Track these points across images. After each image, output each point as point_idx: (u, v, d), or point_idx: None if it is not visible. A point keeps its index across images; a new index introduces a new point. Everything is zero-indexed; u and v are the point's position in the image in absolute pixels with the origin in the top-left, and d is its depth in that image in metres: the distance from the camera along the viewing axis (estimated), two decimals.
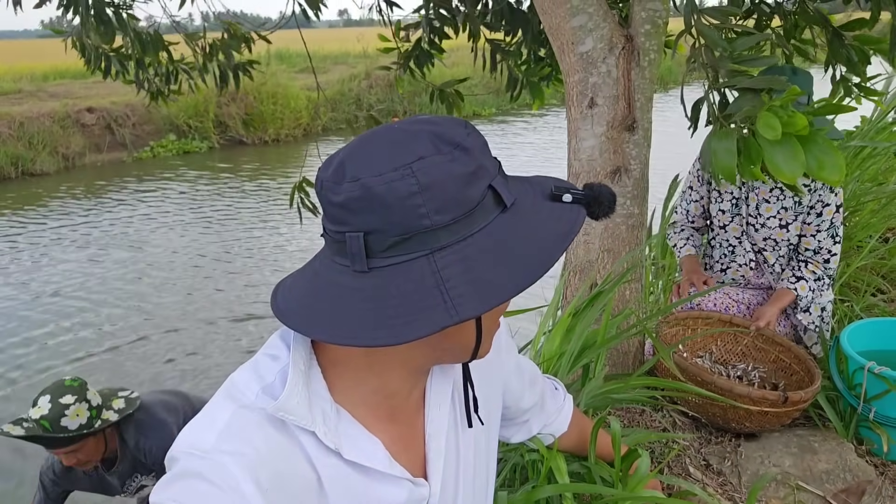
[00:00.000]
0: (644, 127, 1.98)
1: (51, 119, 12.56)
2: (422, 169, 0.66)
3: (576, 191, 0.76)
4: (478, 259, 0.68)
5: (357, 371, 0.78)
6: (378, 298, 0.67)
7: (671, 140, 6.05)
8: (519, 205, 0.73)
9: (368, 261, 0.68)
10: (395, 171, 0.66)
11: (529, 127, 16.33)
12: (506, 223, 0.71)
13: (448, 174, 0.67)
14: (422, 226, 0.66)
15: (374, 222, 0.67)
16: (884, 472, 1.89)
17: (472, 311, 0.65)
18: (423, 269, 0.67)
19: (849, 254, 3.18)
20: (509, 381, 1.08)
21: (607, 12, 1.92)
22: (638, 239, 2.08)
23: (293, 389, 0.72)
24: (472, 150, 0.69)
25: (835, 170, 1.43)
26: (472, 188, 0.68)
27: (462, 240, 0.68)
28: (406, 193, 0.66)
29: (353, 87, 16.80)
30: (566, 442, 1.32)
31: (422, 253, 0.67)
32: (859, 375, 1.94)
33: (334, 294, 0.70)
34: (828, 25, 2.13)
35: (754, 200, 2.34)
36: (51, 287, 6.92)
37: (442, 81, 3.59)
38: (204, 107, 14.18)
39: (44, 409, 2.06)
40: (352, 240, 0.68)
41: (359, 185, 0.66)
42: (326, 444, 0.74)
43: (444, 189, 0.67)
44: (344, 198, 0.67)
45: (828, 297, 2.35)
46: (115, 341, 5.68)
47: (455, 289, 0.66)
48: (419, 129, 0.69)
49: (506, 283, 0.67)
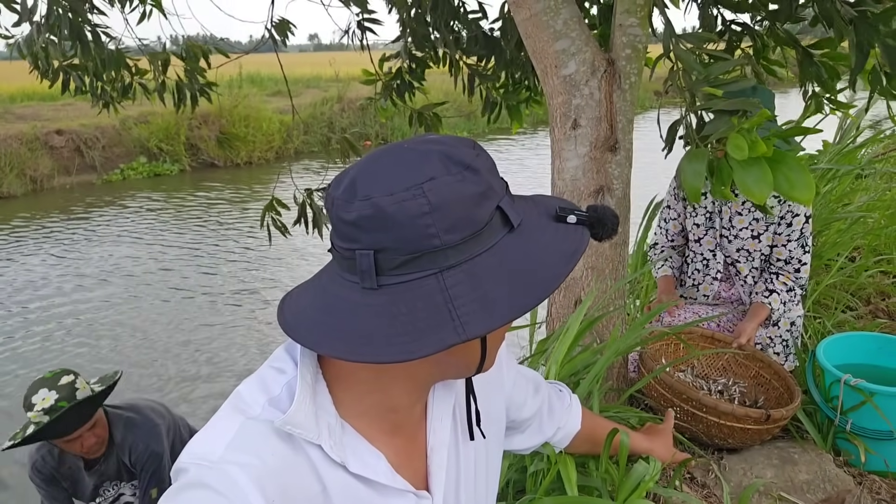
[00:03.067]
0: (626, 147, 2.03)
1: (18, 141, 12.36)
2: (432, 189, 0.67)
3: (580, 212, 0.78)
4: (485, 278, 0.69)
5: (361, 385, 0.79)
6: (387, 315, 0.68)
7: (644, 161, 6.16)
8: (525, 225, 0.74)
9: (378, 278, 0.69)
10: (406, 190, 0.67)
11: (502, 148, 16.50)
12: (513, 243, 0.72)
13: (458, 195, 0.68)
14: (432, 245, 0.68)
15: (385, 241, 0.68)
16: (861, 482, 1.94)
17: (479, 329, 0.67)
18: (431, 288, 0.68)
19: (818, 272, 3.27)
20: (512, 393, 1.09)
21: (589, 37, 1.98)
22: (621, 257, 2.12)
23: (301, 403, 0.73)
24: (481, 170, 0.71)
25: (805, 189, 1.49)
26: (480, 208, 0.70)
27: (470, 259, 0.69)
28: (417, 213, 0.67)
29: (326, 111, 16.84)
30: (578, 442, 1.33)
31: (431, 271, 0.68)
32: (836, 388, 2.00)
33: (343, 310, 0.71)
34: (798, 46, 2.22)
35: (727, 213, 2.42)
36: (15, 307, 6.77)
37: (418, 105, 3.66)
38: (175, 130, 14.08)
39: (51, 398, 2.04)
40: (362, 257, 0.69)
41: (370, 204, 0.67)
42: (332, 458, 0.75)
43: (453, 209, 0.68)
44: (355, 216, 0.68)
45: (797, 311, 2.42)
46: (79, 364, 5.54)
47: (463, 307, 0.67)
48: (429, 148, 0.71)
49: (512, 302, 0.68)
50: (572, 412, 1.29)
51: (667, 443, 1.47)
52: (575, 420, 1.29)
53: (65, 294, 7.23)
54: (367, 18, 3.60)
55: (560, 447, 1.31)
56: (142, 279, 7.66)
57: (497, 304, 0.68)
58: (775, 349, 2.41)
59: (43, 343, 6.02)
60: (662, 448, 1.45)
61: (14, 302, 7.02)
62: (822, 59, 2.16)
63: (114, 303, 6.97)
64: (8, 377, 5.40)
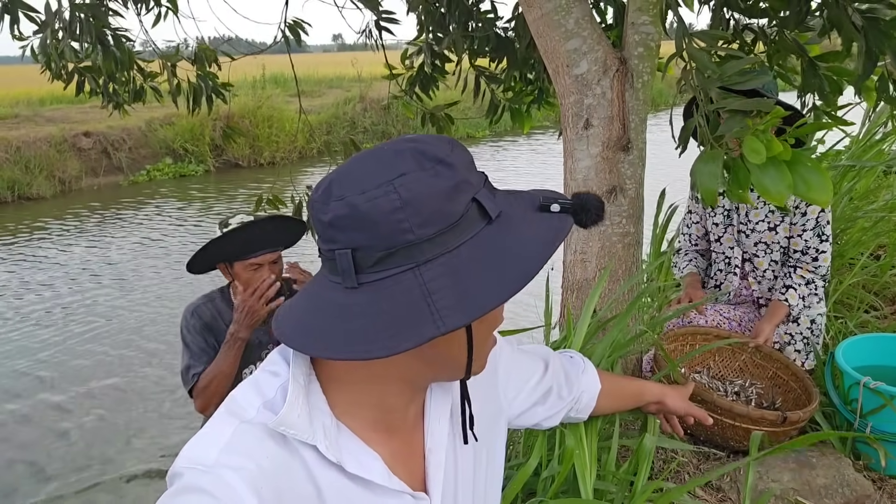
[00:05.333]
0: (639, 147, 2.01)
1: (47, 143, 12.58)
2: (404, 185, 0.68)
3: (563, 200, 0.77)
4: (464, 270, 0.69)
5: (355, 386, 0.79)
6: (367, 314, 0.69)
7: (660, 161, 6.12)
8: (506, 217, 0.74)
9: (357, 276, 0.70)
10: (378, 188, 0.68)
11: (522, 148, 16.44)
12: (491, 234, 0.72)
13: (430, 189, 0.69)
14: (406, 240, 0.69)
15: (361, 239, 0.69)
16: (881, 486, 1.91)
17: (458, 321, 0.67)
18: (410, 283, 0.69)
19: (841, 271, 3.21)
20: (511, 378, 1.09)
21: (601, 35, 1.97)
22: (634, 257, 2.10)
23: (294, 403, 0.73)
24: (454, 164, 0.71)
25: (822, 190, 1.47)
26: (454, 202, 0.70)
27: (448, 252, 0.70)
28: (389, 209, 0.68)
29: (348, 111, 16.89)
30: (602, 401, 1.31)
31: (408, 266, 0.69)
32: (855, 391, 1.96)
33: (327, 310, 0.72)
34: (804, 55, 2.18)
35: (744, 209, 2.42)
36: (40, 309, 6.90)
37: (437, 104, 3.66)
38: (200, 131, 14.24)
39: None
40: (341, 257, 0.70)
41: (344, 204, 0.69)
42: (328, 458, 0.75)
43: (426, 203, 0.69)
44: (331, 216, 0.70)
45: (818, 309, 2.38)
46: (116, 371, 5.61)
47: (441, 300, 0.68)
48: (404, 147, 0.72)
49: (489, 293, 0.68)
50: (588, 374, 1.28)
51: (682, 394, 1.41)
52: (594, 381, 1.28)
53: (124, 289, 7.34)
54: (385, 18, 3.61)
55: (586, 413, 1.30)
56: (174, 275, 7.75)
57: (476, 295, 0.68)
58: (796, 346, 2.37)
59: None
60: (677, 396, 1.39)
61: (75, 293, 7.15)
62: (826, 73, 2.12)
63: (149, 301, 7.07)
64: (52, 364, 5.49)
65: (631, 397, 1.37)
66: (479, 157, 15.45)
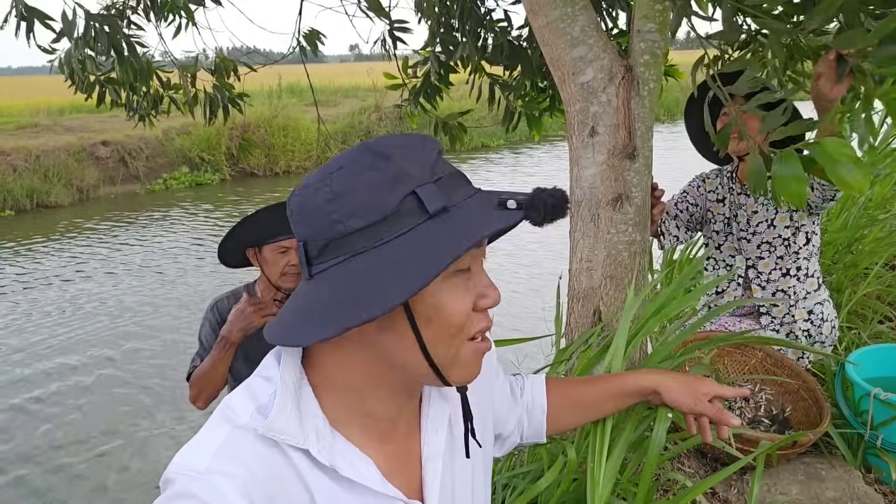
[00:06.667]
0: (645, 155, 2.00)
1: (66, 152, 12.78)
2: (338, 178, 0.72)
3: (521, 197, 0.75)
4: (396, 261, 0.69)
5: (340, 393, 0.79)
6: (311, 303, 0.72)
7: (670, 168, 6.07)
8: (456, 212, 0.73)
9: (310, 269, 0.74)
10: (318, 181, 0.72)
11: (535, 156, 16.43)
12: (431, 228, 0.71)
13: (362, 181, 0.71)
14: (338, 231, 0.71)
15: (305, 232, 0.74)
16: (892, 500, 1.87)
17: (376, 310, 0.67)
18: (344, 272, 0.71)
19: (855, 280, 3.17)
20: (500, 407, 1.09)
21: (607, 43, 1.96)
22: (640, 266, 2.09)
23: (282, 408, 0.74)
24: (393, 157, 0.72)
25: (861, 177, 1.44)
26: (389, 194, 0.71)
27: (382, 243, 0.70)
28: (322, 201, 0.72)
29: (363, 120, 17.00)
30: (560, 414, 1.19)
31: (343, 257, 0.71)
32: (865, 402, 1.93)
33: (293, 303, 0.76)
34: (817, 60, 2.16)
35: (744, 217, 2.42)
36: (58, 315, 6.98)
37: (444, 113, 3.67)
38: (216, 140, 14.38)
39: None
40: (298, 250, 0.75)
41: (293, 200, 0.74)
42: (321, 462, 0.75)
43: (357, 195, 0.71)
44: (288, 212, 0.76)
45: (815, 298, 2.37)
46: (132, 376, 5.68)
47: (367, 290, 0.69)
48: (361, 144, 0.75)
49: (403, 285, 0.67)
50: (533, 387, 1.18)
51: (692, 386, 1.18)
52: (539, 393, 1.17)
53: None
54: (398, 28, 3.63)
55: (539, 436, 1.19)
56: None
57: (397, 285, 0.68)
58: (802, 327, 2.38)
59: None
60: (680, 388, 1.18)
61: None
62: None
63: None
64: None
65: (618, 395, 1.21)
66: (496, 165, 15.46)
